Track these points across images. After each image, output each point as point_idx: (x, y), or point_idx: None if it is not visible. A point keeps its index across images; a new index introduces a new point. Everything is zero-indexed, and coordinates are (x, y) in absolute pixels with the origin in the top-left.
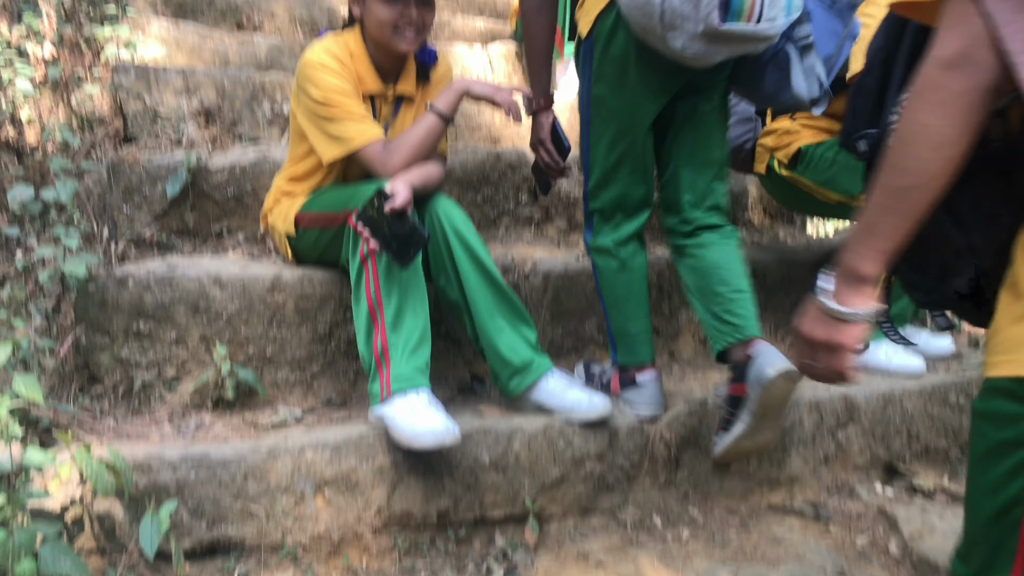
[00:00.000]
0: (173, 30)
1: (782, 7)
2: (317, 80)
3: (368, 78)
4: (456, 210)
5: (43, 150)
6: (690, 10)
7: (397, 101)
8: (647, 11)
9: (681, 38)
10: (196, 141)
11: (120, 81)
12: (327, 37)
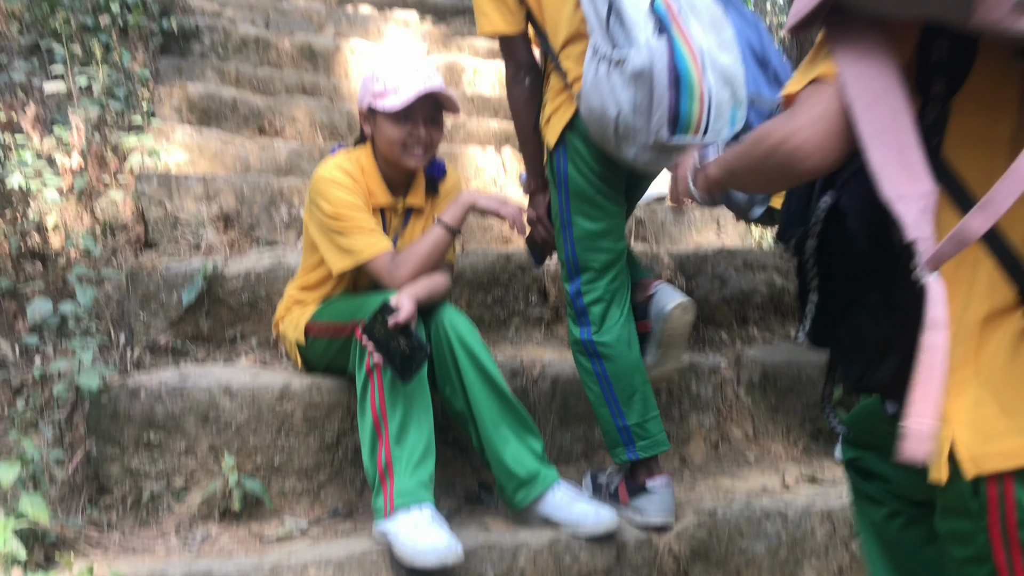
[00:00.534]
0: (196, 136)
1: (727, 120)
2: (328, 195)
3: (378, 192)
4: (462, 320)
5: (67, 256)
6: (642, 124)
7: (407, 213)
8: (603, 123)
9: (633, 148)
10: (214, 246)
11: (143, 189)
12: (339, 154)
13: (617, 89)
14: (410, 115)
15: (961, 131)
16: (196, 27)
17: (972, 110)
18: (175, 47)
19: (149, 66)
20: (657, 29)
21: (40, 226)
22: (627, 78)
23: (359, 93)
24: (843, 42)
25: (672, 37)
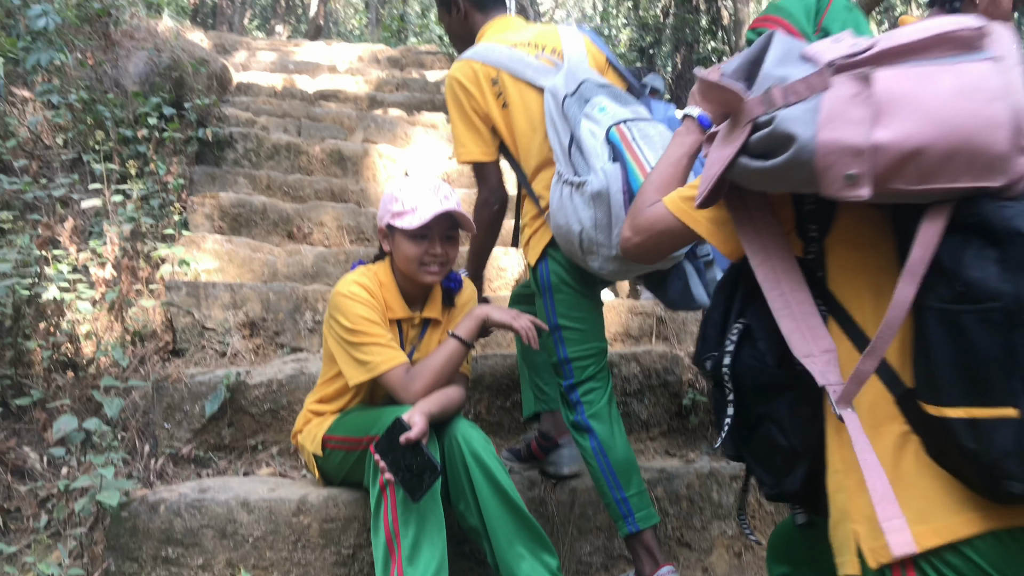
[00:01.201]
0: (226, 244)
1: None
2: (346, 310)
3: (396, 305)
4: (476, 434)
5: (97, 365)
6: (603, 239)
7: (423, 325)
8: (569, 239)
9: (598, 260)
10: (240, 352)
11: (172, 298)
12: (358, 269)
13: (579, 208)
14: (427, 233)
15: (838, 265)
16: (230, 136)
17: (844, 247)
18: (209, 155)
19: (184, 174)
20: (612, 156)
21: (72, 336)
22: (587, 199)
23: (379, 212)
24: (741, 226)
25: (626, 161)
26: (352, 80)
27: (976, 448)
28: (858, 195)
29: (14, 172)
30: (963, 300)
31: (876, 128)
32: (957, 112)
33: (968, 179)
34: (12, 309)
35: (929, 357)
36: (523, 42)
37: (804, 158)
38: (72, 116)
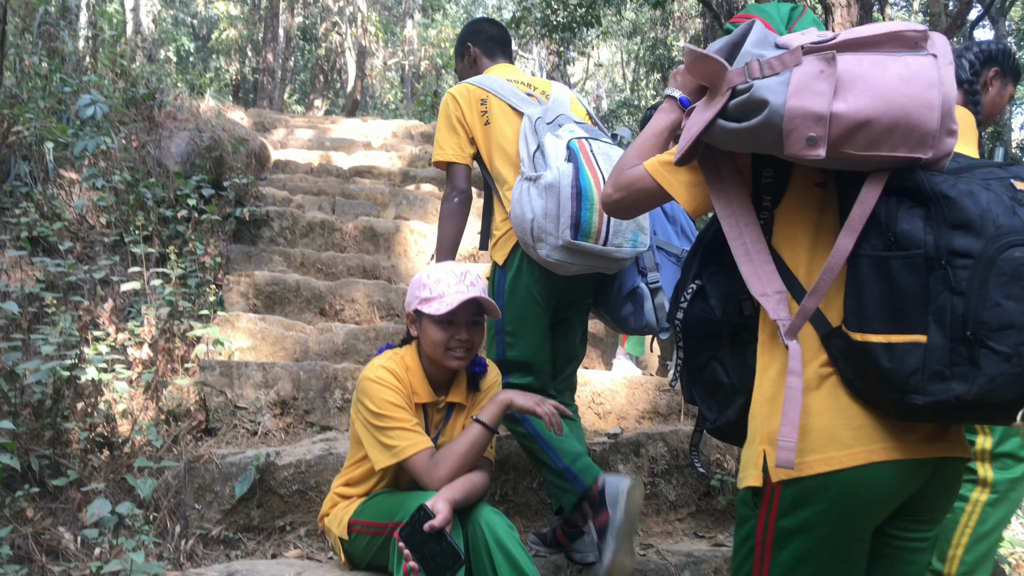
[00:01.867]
0: (260, 323)
1: (627, 239)
2: (373, 394)
3: (421, 390)
4: (499, 520)
5: (132, 444)
6: (552, 227)
7: (448, 409)
8: (523, 227)
9: (546, 248)
10: (271, 431)
11: (206, 377)
12: (385, 354)
13: (533, 198)
14: (453, 319)
15: (782, 231)
16: (267, 214)
17: (789, 215)
18: (246, 234)
19: (221, 253)
20: (568, 159)
21: (109, 416)
22: (540, 190)
23: (407, 297)
24: (712, 184)
25: (579, 164)
26: (386, 156)
27: (891, 367)
28: (816, 154)
29: (59, 254)
30: (893, 248)
31: (836, 100)
32: (901, 93)
33: (904, 149)
34: (53, 390)
35: (860, 295)
36: (517, 80)
37: (774, 120)
38: (115, 198)
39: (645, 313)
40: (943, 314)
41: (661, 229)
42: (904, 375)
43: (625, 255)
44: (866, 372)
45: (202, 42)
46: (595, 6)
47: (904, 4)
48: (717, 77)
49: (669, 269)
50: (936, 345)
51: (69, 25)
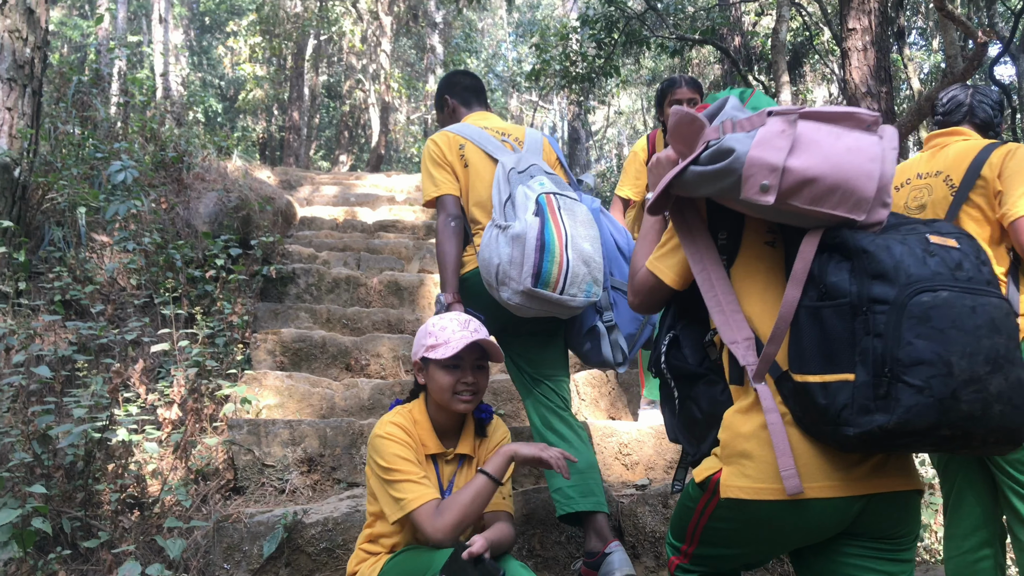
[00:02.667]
0: (286, 380)
1: (582, 288)
2: (382, 449)
3: (430, 442)
4: (527, 574)
5: (161, 504)
6: (515, 274)
7: (459, 461)
8: (489, 269)
9: (507, 291)
10: (298, 489)
11: (234, 436)
12: (395, 409)
13: (501, 245)
14: (459, 364)
15: (737, 286)
16: (293, 272)
17: (742, 274)
18: (273, 291)
19: (248, 311)
20: (536, 212)
21: (139, 476)
22: (508, 239)
23: (413, 348)
24: (687, 246)
25: (545, 218)
26: (410, 209)
27: (826, 403)
28: (766, 200)
29: (91, 316)
30: (824, 298)
31: (790, 156)
32: (847, 161)
33: (843, 210)
34: (84, 452)
35: (800, 340)
36: (492, 128)
37: (736, 166)
38: (145, 260)
39: (602, 348)
40: (866, 354)
41: (619, 271)
42: (837, 410)
43: (578, 304)
44: (808, 409)
45: (229, 103)
46: (613, 57)
47: (923, 44)
48: (697, 135)
49: (624, 307)
50: (862, 382)
51: (102, 92)
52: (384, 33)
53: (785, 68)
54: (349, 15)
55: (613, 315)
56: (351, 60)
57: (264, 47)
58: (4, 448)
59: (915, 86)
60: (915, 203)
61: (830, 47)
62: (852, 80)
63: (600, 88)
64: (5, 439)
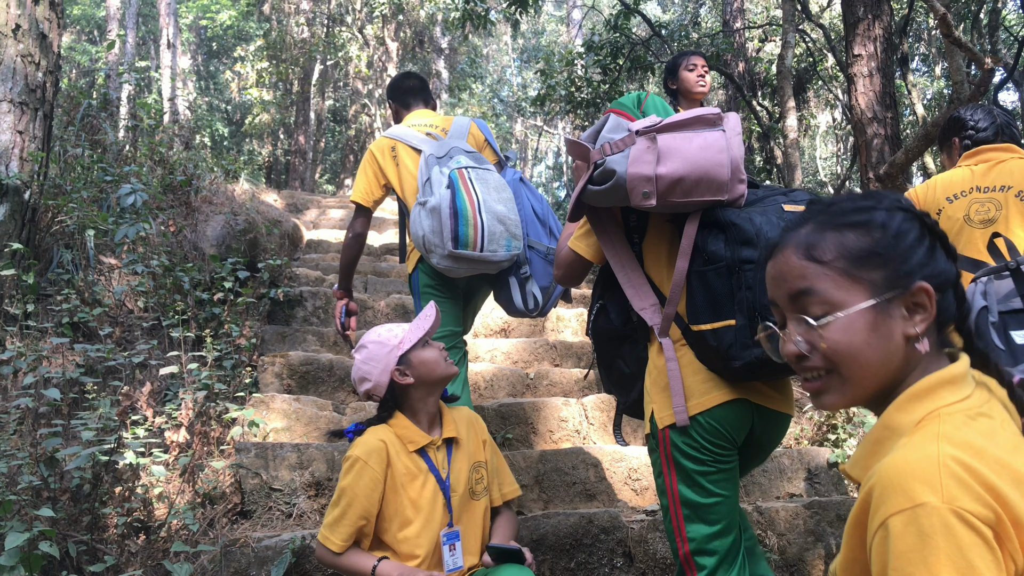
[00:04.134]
0: (294, 404)
1: (502, 246)
2: (344, 471)
3: (416, 437)
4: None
5: (168, 528)
6: (438, 241)
7: (447, 446)
8: (419, 242)
9: (436, 257)
10: (305, 512)
11: (241, 460)
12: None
13: (423, 219)
14: (429, 331)
15: (648, 260)
16: (300, 295)
17: (650, 250)
18: (280, 314)
19: (256, 334)
20: (447, 186)
21: (146, 500)
22: (427, 212)
23: (377, 370)
24: (600, 235)
25: (456, 189)
26: None
27: (716, 344)
28: (650, 204)
29: (99, 339)
30: (707, 264)
31: (659, 166)
32: (701, 158)
33: (708, 195)
34: (91, 475)
35: (694, 299)
36: (420, 125)
37: (620, 183)
38: (154, 282)
39: (514, 298)
40: (742, 304)
41: (533, 231)
42: (725, 348)
43: (501, 258)
44: (704, 349)
45: (236, 127)
46: (618, 82)
47: (926, 70)
48: (586, 156)
49: (539, 263)
50: (741, 325)
51: (111, 116)
52: (390, 58)
53: (791, 94)
54: (355, 41)
55: (528, 269)
56: (357, 85)
57: (271, 72)
58: (11, 471)
59: (919, 112)
60: (979, 216)
61: (834, 73)
62: (858, 105)
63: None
64: (13, 461)
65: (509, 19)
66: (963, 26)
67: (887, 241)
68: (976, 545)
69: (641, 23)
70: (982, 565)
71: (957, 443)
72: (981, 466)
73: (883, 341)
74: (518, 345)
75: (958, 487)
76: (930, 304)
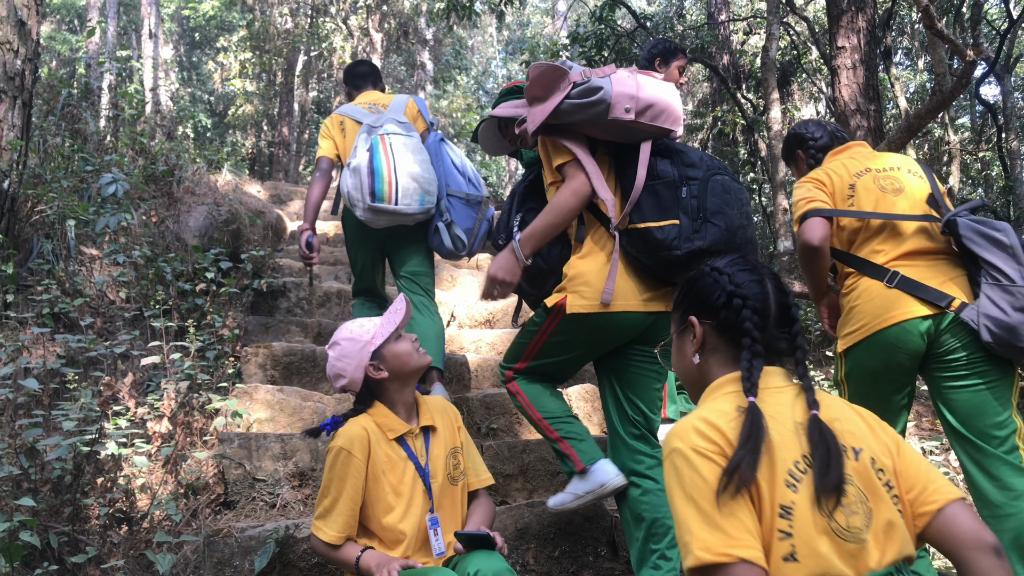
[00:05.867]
0: (278, 394)
1: (415, 199)
2: (327, 465)
3: (395, 424)
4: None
5: (151, 518)
6: (359, 196)
7: (424, 434)
8: (345, 197)
9: (359, 211)
10: (289, 503)
11: (224, 450)
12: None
13: (347, 178)
14: (400, 324)
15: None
16: (284, 285)
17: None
18: (263, 305)
19: (239, 325)
20: (367, 149)
21: (128, 490)
22: (351, 171)
23: (351, 366)
24: (567, 139)
25: (375, 152)
26: None
27: (661, 237)
28: (629, 118)
29: (80, 330)
30: (654, 179)
31: (639, 91)
32: (667, 95)
33: (667, 124)
34: (73, 466)
35: (640, 204)
36: (364, 103)
37: (606, 97)
38: (135, 273)
39: (444, 241)
40: (687, 208)
41: (454, 182)
42: (669, 240)
43: (414, 211)
44: (648, 243)
45: (219, 118)
46: None
47: (909, 64)
48: (561, 79)
49: (460, 208)
50: (685, 224)
51: (91, 106)
52: (374, 50)
53: (775, 86)
54: (340, 32)
55: (451, 216)
56: (341, 76)
57: (254, 63)
58: None
59: (902, 105)
60: (891, 187)
61: (818, 65)
62: (841, 98)
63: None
64: None
65: (494, 10)
66: (945, 20)
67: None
68: (700, 461)
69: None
70: (704, 468)
71: (703, 413)
72: (714, 418)
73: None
74: (503, 336)
75: (695, 435)
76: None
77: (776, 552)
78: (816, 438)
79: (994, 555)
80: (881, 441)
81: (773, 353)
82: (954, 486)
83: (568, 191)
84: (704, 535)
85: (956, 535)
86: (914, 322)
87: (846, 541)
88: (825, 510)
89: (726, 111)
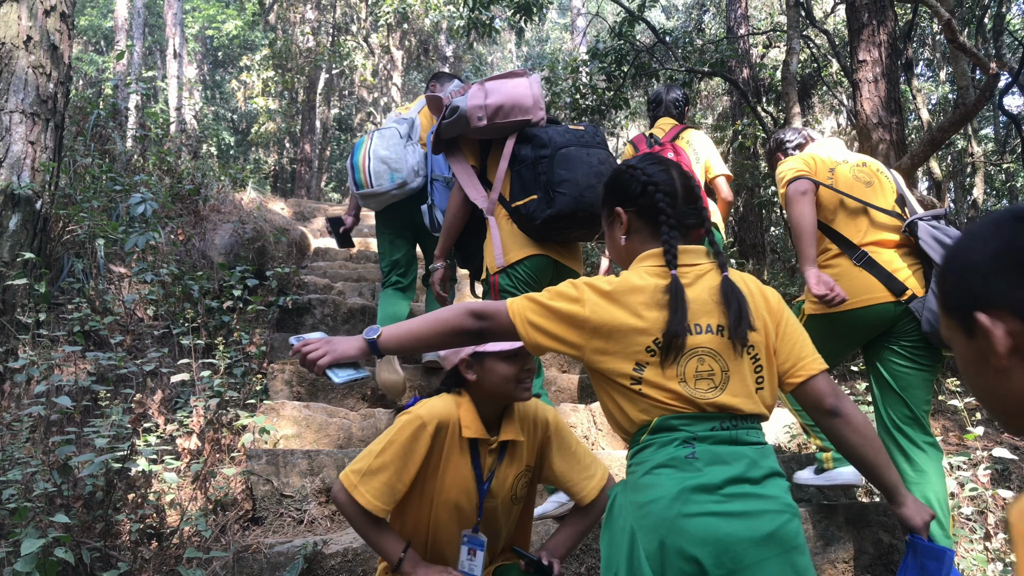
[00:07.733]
0: (304, 411)
1: (386, 178)
2: (395, 427)
3: (475, 425)
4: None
5: (180, 534)
6: (354, 189)
7: (500, 451)
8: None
9: (361, 201)
10: (316, 519)
11: (252, 466)
12: (440, 396)
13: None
14: (519, 351)
15: (490, 170)
16: (309, 302)
17: (491, 164)
18: (289, 322)
19: (265, 341)
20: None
21: (158, 506)
22: (348, 167)
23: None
24: (449, 155)
25: (357, 149)
26: None
27: (526, 212)
28: (482, 125)
29: (110, 347)
30: (519, 164)
31: (487, 99)
32: (513, 92)
33: (520, 116)
34: (104, 482)
35: (513, 187)
36: (402, 107)
37: (463, 114)
38: (163, 291)
39: (426, 221)
40: (540, 184)
41: (438, 167)
42: (530, 212)
43: (387, 188)
44: (520, 219)
45: (242, 136)
46: (623, 89)
47: (930, 75)
48: (443, 105)
49: (441, 191)
50: (540, 197)
51: (119, 126)
52: (395, 67)
53: (796, 100)
54: (361, 50)
55: (433, 198)
56: (362, 93)
57: (276, 81)
58: (26, 478)
59: (924, 117)
60: (862, 179)
61: (838, 78)
62: (863, 111)
63: (610, 120)
64: (27, 469)
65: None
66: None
67: None
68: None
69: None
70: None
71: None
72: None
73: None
74: None
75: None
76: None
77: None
78: (728, 295)
79: (829, 416)
80: (764, 319)
81: (685, 228)
82: (820, 360)
83: (451, 202)
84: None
85: (810, 401)
86: (882, 306)
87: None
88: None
89: (746, 124)
